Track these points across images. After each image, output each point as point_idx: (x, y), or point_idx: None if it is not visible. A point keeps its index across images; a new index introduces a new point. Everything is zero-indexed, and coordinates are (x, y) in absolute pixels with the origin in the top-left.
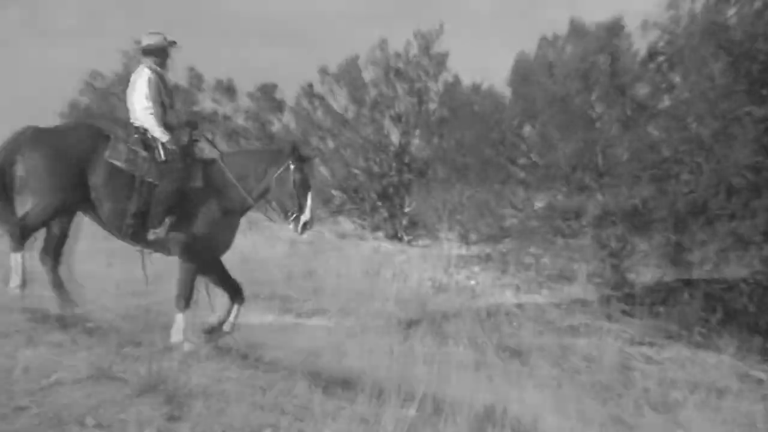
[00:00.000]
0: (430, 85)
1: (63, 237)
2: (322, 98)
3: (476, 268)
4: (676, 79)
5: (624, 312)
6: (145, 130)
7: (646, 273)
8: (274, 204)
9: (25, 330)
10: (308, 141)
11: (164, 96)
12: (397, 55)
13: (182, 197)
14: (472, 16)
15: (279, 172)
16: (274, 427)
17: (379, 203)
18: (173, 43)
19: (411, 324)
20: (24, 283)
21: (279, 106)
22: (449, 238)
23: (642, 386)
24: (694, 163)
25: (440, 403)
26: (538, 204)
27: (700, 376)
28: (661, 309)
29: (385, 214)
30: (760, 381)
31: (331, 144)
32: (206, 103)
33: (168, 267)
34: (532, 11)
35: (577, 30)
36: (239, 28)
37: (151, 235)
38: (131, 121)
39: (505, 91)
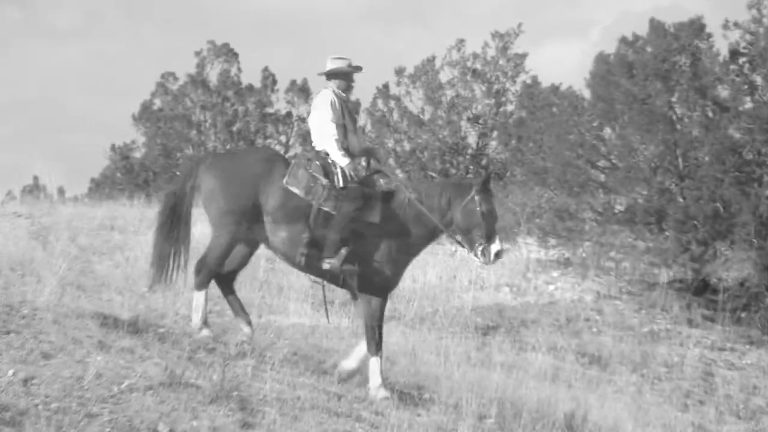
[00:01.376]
0: (507, 86)
1: (242, 266)
2: (397, 99)
3: (555, 273)
4: (759, 79)
5: (706, 317)
6: (326, 155)
7: (728, 278)
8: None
9: (96, 335)
10: (383, 143)
11: (347, 120)
12: (475, 56)
13: (360, 228)
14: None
15: (465, 203)
16: None
17: None
18: (358, 68)
19: (488, 330)
20: (206, 323)
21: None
22: (528, 242)
23: (724, 393)
24: None
25: (519, 411)
26: (619, 207)
27: None
28: (744, 314)
29: None
30: None
31: (407, 146)
32: (280, 104)
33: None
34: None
35: (656, 30)
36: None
37: (325, 265)
38: (312, 144)
39: (585, 93)
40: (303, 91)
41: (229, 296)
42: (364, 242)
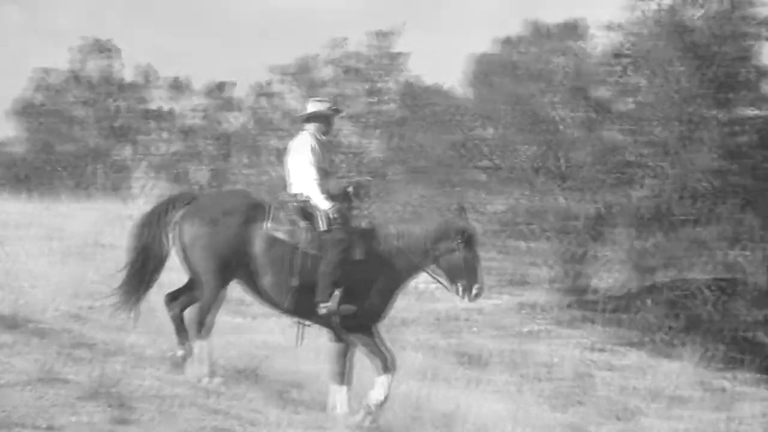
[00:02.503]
0: (389, 85)
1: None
2: (279, 97)
3: None
4: (640, 81)
5: (585, 318)
6: (305, 199)
7: (607, 279)
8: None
9: None
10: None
11: (326, 163)
12: (356, 55)
13: (347, 268)
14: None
15: (448, 249)
16: None
17: None
18: (338, 111)
19: None
20: (213, 374)
21: (236, 105)
22: None
23: (602, 394)
24: (658, 167)
25: (397, 411)
26: (499, 207)
27: (662, 384)
28: (623, 315)
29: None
30: (723, 389)
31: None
32: (162, 101)
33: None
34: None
35: (538, 31)
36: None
37: (322, 310)
38: (289, 189)
39: (467, 92)
40: (179, 88)
41: (172, 311)
42: (353, 282)
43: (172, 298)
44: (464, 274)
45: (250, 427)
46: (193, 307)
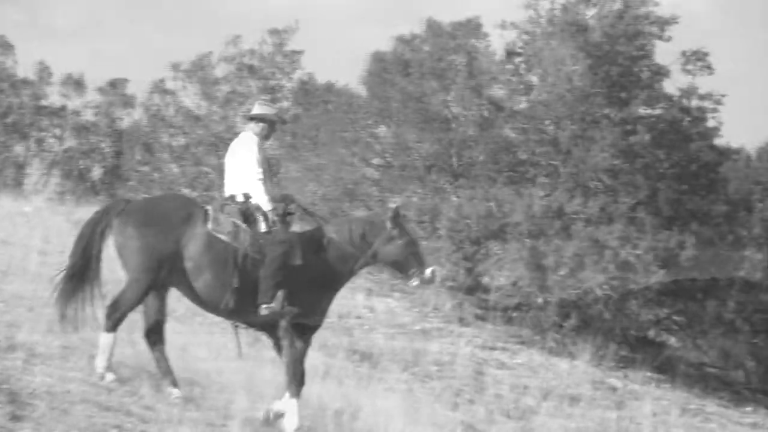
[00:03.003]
0: (283, 82)
1: (163, 314)
2: (173, 94)
3: None
4: (534, 80)
5: (477, 316)
6: (245, 200)
7: (500, 277)
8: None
9: None
10: (158, 137)
11: (267, 165)
12: (251, 52)
13: (288, 270)
14: None
15: (383, 243)
16: (119, 429)
17: None
18: (283, 120)
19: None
20: (110, 367)
21: (130, 102)
22: None
23: (494, 392)
24: (551, 166)
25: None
26: (392, 205)
27: (554, 383)
28: (515, 314)
29: None
30: (614, 388)
31: (182, 141)
32: (54, 98)
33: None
34: None
35: (433, 29)
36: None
37: (264, 311)
38: (227, 189)
39: (361, 91)
40: (78, 85)
41: (156, 352)
42: (293, 284)
43: (150, 333)
44: (412, 260)
45: (141, 423)
46: (114, 300)
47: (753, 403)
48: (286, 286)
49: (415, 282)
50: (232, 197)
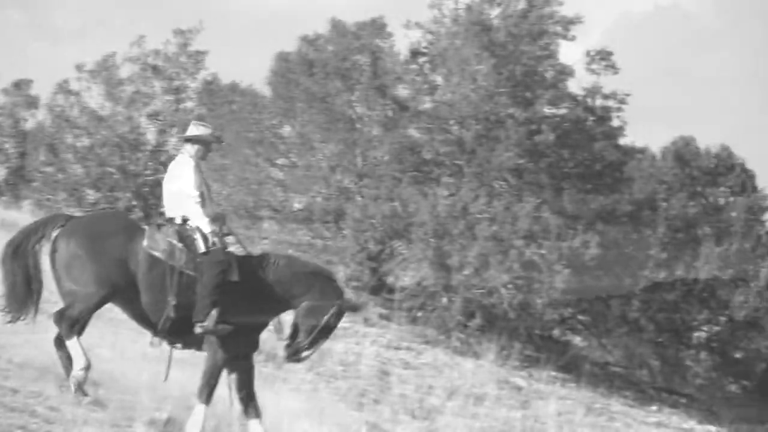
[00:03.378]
0: (188, 83)
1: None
2: (77, 95)
3: None
4: (438, 80)
5: (382, 316)
6: (183, 222)
7: (405, 277)
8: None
9: None
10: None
11: (205, 187)
12: (155, 52)
13: (225, 290)
14: None
15: (319, 302)
16: (23, 430)
17: (134, 203)
18: (220, 139)
19: None
20: (89, 365)
21: (34, 102)
22: None
23: (399, 392)
24: (456, 165)
25: (192, 407)
26: (297, 206)
27: (459, 382)
28: (420, 314)
29: (140, 214)
30: (518, 387)
31: (86, 142)
32: None
33: None
34: None
35: (337, 28)
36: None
37: (198, 329)
38: (166, 212)
39: (266, 91)
40: None
41: (63, 352)
42: (229, 304)
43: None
44: (309, 335)
45: (46, 424)
46: (61, 311)
47: (658, 402)
48: (221, 305)
49: (285, 349)
50: (171, 219)
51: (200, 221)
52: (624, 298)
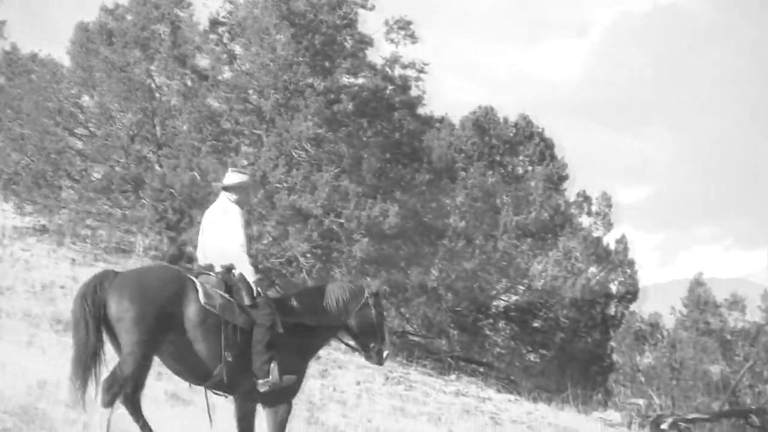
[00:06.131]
0: None
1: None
2: None
3: (31, 240)
4: (238, 49)
5: None
6: (226, 271)
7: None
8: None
9: None
10: None
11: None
12: None
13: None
14: None
15: (359, 307)
16: None
17: None
18: (259, 183)
19: None
20: None
21: None
22: (4, 209)
23: None
24: (255, 135)
25: None
26: (96, 175)
27: None
28: None
29: None
30: (317, 356)
31: None
32: None
33: None
34: None
35: None
36: None
37: (264, 387)
38: (205, 260)
39: (66, 61)
40: None
41: (140, 421)
42: (281, 355)
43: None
44: (376, 335)
45: None
46: (111, 374)
47: (456, 371)
48: (277, 357)
49: (371, 358)
50: (210, 267)
51: (246, 270)
52: (423, 267)
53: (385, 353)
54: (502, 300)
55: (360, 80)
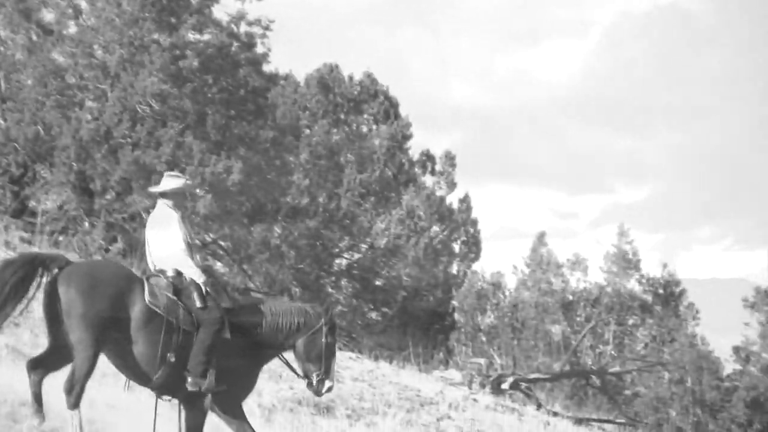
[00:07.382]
0: None
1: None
2: None
3: None
4: (83, 4)
5: (24, 240)
6: (177, 275)
7: (47, 201)
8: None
9: None
10: None
11: (191, 237)
12: None
13: (219, 346)
14: None
15: (310, 332)
16: None
17: None
18: (194, 186)
19: None
20: None
21: None
22: None
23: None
24: (99, 90)
25: None
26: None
27: None
28: (62, 238)
29: None
30: None
31: None
32: None
33: None
34: None
35: None
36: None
37: (194, 387)
38: (152, 264)
39: None
40: None
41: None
42: (223, 360)
43: (36, 364)
44: (320, 364)
45: None
46: (69, 376)
47: None
48: (217, 363)
49: (312, 385)
50: (162, 271)
51: (192, 272)
52: (266, 224)
53: (327, 385)
54: (345, 258)
55: (205, 37)
